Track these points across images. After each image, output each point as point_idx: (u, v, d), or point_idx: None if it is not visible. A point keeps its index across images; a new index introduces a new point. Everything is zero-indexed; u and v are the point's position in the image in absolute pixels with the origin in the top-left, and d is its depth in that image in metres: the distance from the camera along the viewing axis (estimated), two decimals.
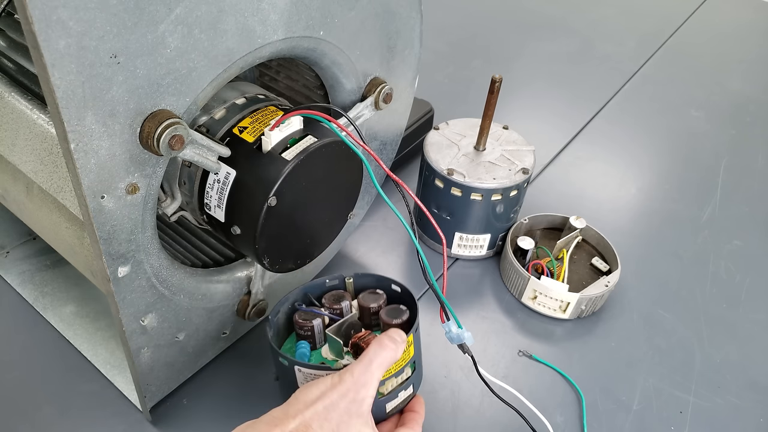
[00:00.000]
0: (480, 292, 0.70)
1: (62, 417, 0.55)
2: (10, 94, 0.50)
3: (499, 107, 0.67)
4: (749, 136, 1.01)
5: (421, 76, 0.66)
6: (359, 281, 0.54)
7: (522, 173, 0.67)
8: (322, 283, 0.54)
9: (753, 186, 0.90)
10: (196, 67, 0.40)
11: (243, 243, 0.49)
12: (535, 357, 0.62)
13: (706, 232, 0.81)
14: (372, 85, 0.57)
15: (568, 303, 0.64)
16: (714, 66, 1.21)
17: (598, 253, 0.71)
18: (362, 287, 0.54)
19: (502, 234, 0.72)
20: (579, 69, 1.16)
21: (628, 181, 0.90)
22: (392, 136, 0.67)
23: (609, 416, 0.58)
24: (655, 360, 0.63)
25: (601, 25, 1.32)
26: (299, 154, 0.47)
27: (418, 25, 0.59)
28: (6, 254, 0.68)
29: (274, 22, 0.44)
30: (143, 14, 0.35)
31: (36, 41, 0.31)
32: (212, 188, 0.48)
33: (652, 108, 1.07)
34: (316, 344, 0.50)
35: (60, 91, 0.33)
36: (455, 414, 0.57)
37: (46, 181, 0.48)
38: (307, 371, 0.45)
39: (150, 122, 0.38)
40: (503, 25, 1.30)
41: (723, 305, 0.71)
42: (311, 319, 0.49)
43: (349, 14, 0.50)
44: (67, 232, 0.50)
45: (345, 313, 0.51)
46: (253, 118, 0.49)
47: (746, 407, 0.60)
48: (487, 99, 0.66)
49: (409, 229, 0.47)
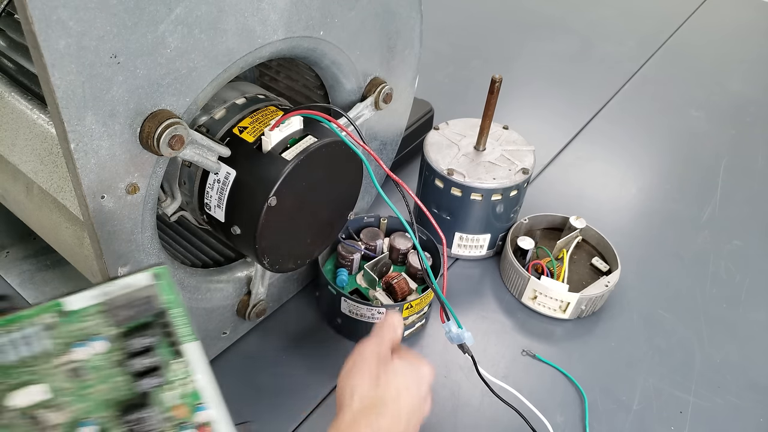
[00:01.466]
0: (480, 292, 0.70)
1: None
2: (10, 94, 0.50)
3: (499, 107, 0.67)
4: (749, 136, 1.01)
5: (421, 76, 0.66)
6: (392, 222, 0.66)
7: (522, 173, 0.67)
8: (360, 219, 0.66)
9: (753, 186, 0.90)
10: (196, 67, 0.40)
11: (243, 243, 0.49)
12: (538, 357, 0.62)
13: (706, 232, 0.81)
14: (372, 85, 0.57)
15: (568, 303, 0.64)
16: (714, 66, 1.21)
17: (598, 253, 0.71)
18: (394, 228, 0.66)
19: (502, 234, 0.72)
20: (579, 69, 1.16)
21: (628, 181, 0.90)
22: (392, 136, 0.67)
23: (609, 416, 0.58)
24: (655, 360, 0.63)
25: (601, 25, 1.32)
26: (299, 154, 0.47)
27: (418, 25, 0.59)
28: (6, 254, 0.68)
29: (274, 22, 0.44)
30: (143, 14, 0.35)
31: (36, 41, 0.31)
32: (212, 188, 0.48)
33: (652, 108, 1.07)
34: (352, 271, 0.63)
35: (60, 91, 0.33)
36: (455, 414, 0.57)
37: (46, 181, 0.48)
38: (350, 302, 0.59)
39: (150, 122, 0.38)
40: (503, 25, 1.30)
41: (723, 305, 0.71)
42: (352, 253, 0.61)
43: (349, 14, 0.50)
44: (67, 232, 0.50)
45: (378, 250, 0.64)
46: (253, 118, 0.49)
47: (746, 407, 0.60)
48: (487, 99, 0.65)
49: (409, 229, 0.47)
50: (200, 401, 0.33)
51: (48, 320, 0.31)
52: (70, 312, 0.32)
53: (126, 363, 0.32)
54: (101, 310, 0.32)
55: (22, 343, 0.31)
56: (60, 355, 0.31)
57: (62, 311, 0.32)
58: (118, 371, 0.32)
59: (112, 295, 0.32)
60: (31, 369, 0.31)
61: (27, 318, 0.31)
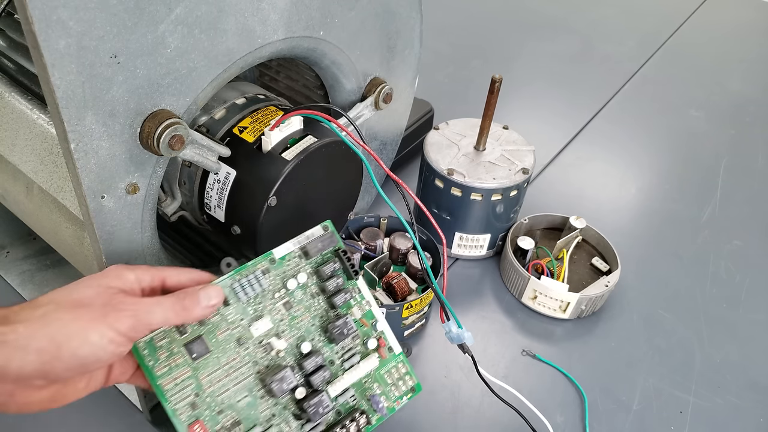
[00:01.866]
0: (480, 292, 0.70)
1: (61, 417, 0.55)
2: (10, 94, 0.50)
3: (499, 107, 0.67)
4: (749, 136, 1.01)
5: (421, 76, 0.66)
6: (392, 222, 0.66)
7: (522, 173, 0.67)
8: (360, 219, 0.66)
9: (753, 186, 0.90)
10: (196, 67, 0.40)
11: (243, 243, 0.49)
12: (539, 357, 0.62)
13: (706, 232, 0.81)
14: (372, 85, 0.57)
15: (568, 303, 0.64)
16: (714, 66, 1.21)
17: (598, 253, 0.71)
18: (393, 228, 0.66)
19: (502, 234, 0.72)
20: (579, 69, 1.16)
21: (628, 181, 0.90)
22: (392, 136, 0.67)
23: (609, 416, 0.58)
24: (655, 360, 0.63)
25: (601, 25, 1.32)
26: (299, 154, 0.47)
27: (418, 25, 0.59)
28: (6, 254, 0.68)
29: (274, 22, 0.44)
30: (143, 14, 0.35)
31: (36, 41, 0.31)
32: (212, 188, 0.48)
33: (652, 108, 1.07)
34: None
35: (60, 91, 0.33)
36: (455, 414, 0.57)
37: (46, 181, 0.48)
38: None
39: (150, 122, 0.38)
40: (503, 25, 1.30)
41: (723, 305, 0.70)
42: (352, 253, 0.60)
43: (349, 14, 0.50)
44: (67, 232, 0.50)
45: (378, 250, 0.64)
46: (253, 118, 0.49)
47: (746, 407, 0.60)
48: (487, 99, 0.65)
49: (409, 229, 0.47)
50: (375, 318, 0.45)
51: (263, 267, 0.41)
52: (278, 259, 0.42)
53: (321, 289, 0.43)
54: (298, 254, 0.43)
55: (248, 285, 0.40)
56: (275, 291, 0.42)
57: (272, 259, 0.42)
58: (316, 301, 0.43)
59: (303, 243, 0.43)
60: (257, 306, 0.41)
61: (251, 267, 0.41)
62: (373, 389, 0.43)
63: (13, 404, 0.34)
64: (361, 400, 0.43)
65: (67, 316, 0.33)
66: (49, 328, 0.33)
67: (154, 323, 0.36)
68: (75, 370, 0.34)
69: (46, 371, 0.33)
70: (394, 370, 0.45)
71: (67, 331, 0.33)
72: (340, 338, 0.42)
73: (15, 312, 0.33)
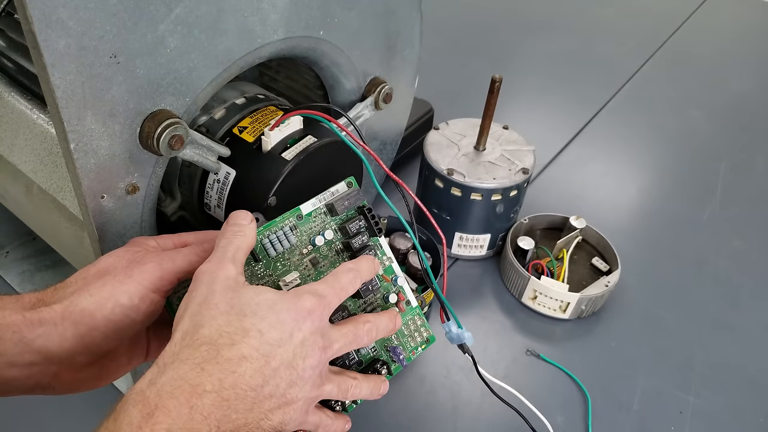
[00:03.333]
0: (480, 292, 0.70)
1: (61, 417, 0.55)
2: (10, 94, 0.50)
3: (499, 107, 0.67)
4: (749, 136, 1.01)
5: (421, 76, 0.66)
6: (392, 222, 0.64)
7: (522, 173, 0.67)
8: None
9: (753, 186, 0.90)
10: (196, 67, 0.40)
11: None
12: (543, 357, 0.62)
13: (706, 232, 0.81)
14: (372, 85, 0.57)
15: (568, 303, 0.64)
16: (714, 66, 1.21)
17: (598, 253, 0.71)
18: (393, 228, 0.64)
19: (502, 234, 0.72)
20: (579, 69, 1.16)
21: (628, 181, 0.90)
22: (392, 136, 0.67)
23: (609, 416, 0.58)
24: (655, 360, 0.63)
25: (601, 25, 1.32)
26: (299, 154, 0.47)
27: (418, 25, 0.59)
28: (6, 254, 0.68)
29: (274, 21, 0.44)
30: (143, 14, 0.35)
31: (36, 41, 0.31)
32: (212, 188, 0.48)
33: (652, 108, 1.07)
34: None
35: (60, 91, 0.33)
36: (455, 414, 0.57)
37: (46, 181, 0.48)
38: None
39: (150, 122, 0.38)
40: (503, 25, 1.30)
41: (723, 305, 0.70)
42: None
43: (349, 14, 0.50)
44: (67, 232, 0.50)
45: None
46: (252, 118, 0.49)
47: (746, 407, 0.60)
48: (487, 99, 0.65)
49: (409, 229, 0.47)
50: (394, 274, 0.45)
51: (291, 223, 0.41)
52: (305, 215, 0.42)
53: (345, 246, 0.43)
54: (323, 211, 0.43)
55: (276, 241, 0.40)
56: (303, 247, 0.42)
57: (300, 215, 0.42)
58: (341, 257, 0.43)
59: (329, 199, 0.43)
60: (285, 261, 0.41)
61: (279, 223, 0.41)
62: (392, 341, 0.44)
63: (60, 385, 0.36)
64: (380, 351, 0.44)
65: (95, 286, 0.35)
66: (81, 299, 0.34)
67: (178, 269, 0.37)
68: (113, 337, 0.35)
69: (86, 344, 0.34)
70: (411, 323, 0.45)
71: (98, 299, 0.34)
72: (366, 294, 0.42)
73: (49, 294, 0.35)
